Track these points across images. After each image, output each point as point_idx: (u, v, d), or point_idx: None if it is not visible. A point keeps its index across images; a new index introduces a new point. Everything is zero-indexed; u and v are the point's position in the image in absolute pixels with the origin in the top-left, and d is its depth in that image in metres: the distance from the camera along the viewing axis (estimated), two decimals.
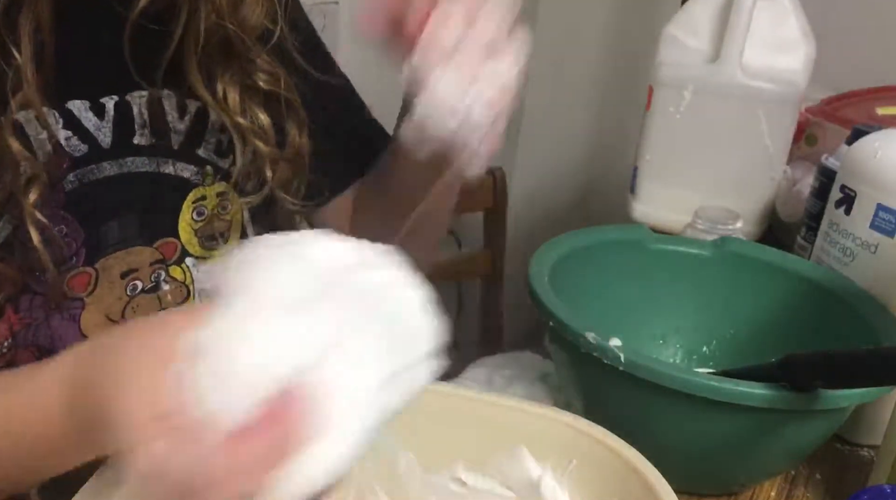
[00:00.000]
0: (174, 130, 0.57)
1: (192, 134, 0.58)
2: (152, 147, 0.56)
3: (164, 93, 0.56)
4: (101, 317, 0.54)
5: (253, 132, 0.58)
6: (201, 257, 0.59)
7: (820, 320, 0.72)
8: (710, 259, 0.78)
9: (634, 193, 1.10)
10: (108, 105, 0.54)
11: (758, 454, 0.61)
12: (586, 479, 0.43)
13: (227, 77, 0.57)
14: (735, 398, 0.56)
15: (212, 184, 0.59)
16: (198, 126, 0.58)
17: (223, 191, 0.59)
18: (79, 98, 0.53)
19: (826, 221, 0.77)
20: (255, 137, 0.59)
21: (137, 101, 0.55)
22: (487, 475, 0.45)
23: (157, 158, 0.56)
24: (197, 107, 0.58)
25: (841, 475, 0.71)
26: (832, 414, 0.60)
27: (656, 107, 1.05)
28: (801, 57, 0.99)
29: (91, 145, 0.53)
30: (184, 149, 0.57)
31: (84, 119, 0.53)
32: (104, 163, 0.54)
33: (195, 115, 0.58)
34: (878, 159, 0.72)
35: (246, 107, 0.58)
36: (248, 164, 0.59)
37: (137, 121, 0.55)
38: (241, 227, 0.62)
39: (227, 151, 0.60)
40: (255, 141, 0.58)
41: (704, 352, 0.79)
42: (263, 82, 0.59)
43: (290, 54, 0.63)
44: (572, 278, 0.71)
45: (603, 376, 0.60)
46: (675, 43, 1.03)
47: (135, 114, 0.55)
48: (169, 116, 0.56)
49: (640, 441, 0.60)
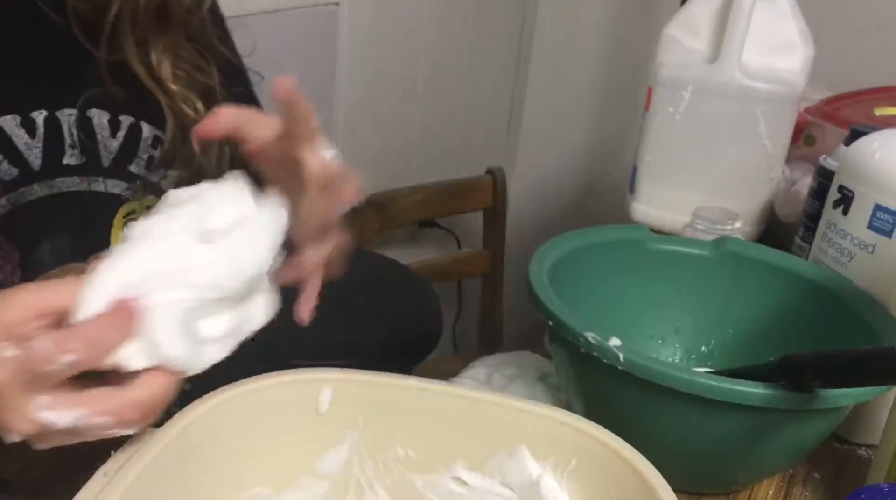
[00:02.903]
0: (105, 148, 0.57)
1: (124, 151, 0.58)
2: (82, 166, 0.56)
3: (94, 111, 0.57)
4: None
5: (183, 99, 0.60)
6: None
7: (818, 320, 0.72)
8: (709, 259, 0.78)
9: (634, 193, 1.11)
10: (38, 120, 0.54)
11: (756, 453, 0.62)
12: (586, 479, 0.43)
13: (161, 48, 0.59)
14: (733, 398, 0.56)
15: (141, 198, 0.60)
16: (131, 143, 0.59)
17: (152, 204, 0.60)
18: (9, 113, 0.53)
19: (824, 222, 0.78)
20: (185, 104, 0.60)
21: (67, 119, 0.55)
22: (487, 475, 0.45)
23: (87, 177, 0.57)
24: (130, 122, 0.59)
25: (839, 475, 0.71)
26: (830, 414, 0.60)
27: (656, 107, 1.05)
28: (799, 57, 0.99)
29: (21, 168, 0.53)
30: (115, 166, 0.58)
31: (15, 136, 0.53)
32: (34, 185, 0.54)
33: (128, 130, 0.58)
34: (877, 160, 0.72)
35: (177, 76, 0.60)
36: (177, 135, 0.60)
37: (67, 141, 0.55)
38: None
39: (160, 165, 0.61)
40: (184, 108, 0.60)
41: (703, 352, 0.79)
42: (192, 65, 0.61)
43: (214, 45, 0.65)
44: (572, 278, 0.71)
45: (602, 376, 0.60)
46: (674, 43, 1.03)
47: (64, 133, 0.55)
48: (99, 135, 0.57)
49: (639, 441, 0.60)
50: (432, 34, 1.67)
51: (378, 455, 0.46)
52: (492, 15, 1.83)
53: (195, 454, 0.43)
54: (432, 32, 1.67)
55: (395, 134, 1.69)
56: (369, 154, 1.60)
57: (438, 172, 1.77)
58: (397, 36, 1.58)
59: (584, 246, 0.75)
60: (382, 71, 1.57)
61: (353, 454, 0.46)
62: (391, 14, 1.54)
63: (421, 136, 1.75)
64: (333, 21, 1.41)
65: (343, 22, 1.42)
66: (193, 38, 0.62)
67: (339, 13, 1.41)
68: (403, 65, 1.63)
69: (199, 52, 0.62)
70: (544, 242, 0.73)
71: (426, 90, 1.71)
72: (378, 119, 1.60)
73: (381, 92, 1.59)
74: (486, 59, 1.87)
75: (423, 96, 1.71)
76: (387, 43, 1.55)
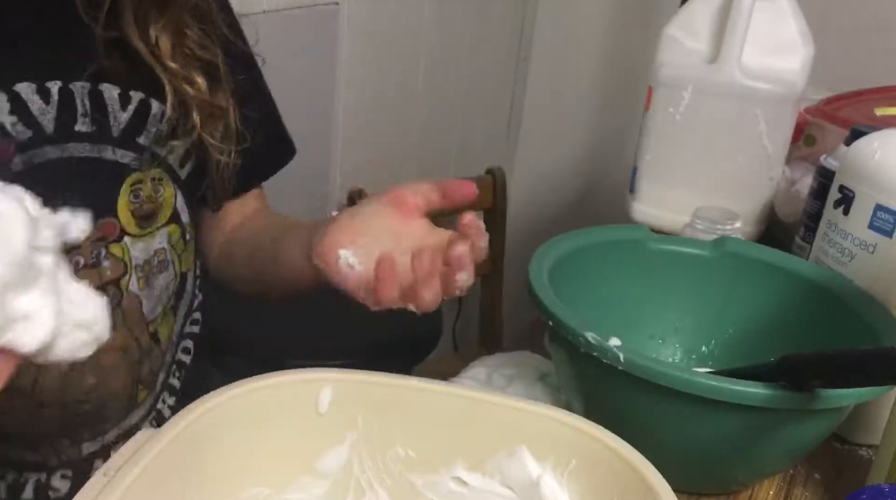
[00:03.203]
0: (115, 119, 0.60)
1: (133, 123, 0.61)
2: (93, 134, 0.58)
3: (105, 86, 0.59)
4: None
5: (183, 76, 0.62)
6: (138, 236, 0.62)
7: (818, 320, 0.72)
8: (709, 259, 0.78)
9: (634, 193, 1.11)
10: (53, 90, 0.56)
11: (756, 453, 0.62)
12: (586, 478, 0.43)
13: (161, 25, 0.61)
14: (734, 398, 0.56)
15: (148, 170, 0.62)
16: (140, 116, 0.61)
17: (158, 177, 0.63)
18: (26, 80, 0.55)
19: (825, 222, 0.78)
20: (185, 81, 0.62)
21: (80, 91, 0.57)
22: (487, 475, 0.45)
23: (97, 145, 0.59)
24: (140, 98, 0.61)
25: (839, 475, 0.71)
26: (830, 414, 0.60)
27: (656, 107, 1.05)
28: (799, 58, 0.99)
29: (35, 131, 0.56)
30: (124, 137, 0.60)
31: (30, 102, 0.55)
32: (47, 147, 0.56)
33: (138, 105, 0.61)
34: (877, 160, 0.72)
35: (177, 53, 0.62)
36: (177, 109, 0.62)
37: (79, 110, 0.57)
38: (173, 209, 0.65)
39: (167, 139, 0.63)
40: (184, 85, 0.62)
41: (703, 352, 0.79)
42: (195, 43, 0.63)
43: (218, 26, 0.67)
44: (572, 278, 0.71)
45: (602, 376, 0.60)
46: (674, 43, 1.03)
47: (77, 103, 0.57)
48: (109, 107, 0.59)
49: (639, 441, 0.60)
50: (432, 34, 1.67)
51: (378, 455, 0.46)
52: (492, 15, 1.83)
53: (195, 453, 0.43)
54: (432, 32, 1.67)
55: (395, 134, 1.69)
56: (369, 154, 1.60)
57: (438, 172, 1.77)
58: (397, 36, 1.58)
59: (584, 246, 0.75)
60: (382, 71, 1.57)
61: (353, 453, 0.46)
62: (391, 14, 1.54)
63: (421, 136, 1.76)
64: (333, 21, 1.41)
65: (343, 22, 1.42)
66: (198, 17, 0.63)
67: (339, 13, 1.41)
68: (403, 65, 1.63)
69: (204, 32, 0.64)
70: (544, 242, 0.73)
71: (426, 90, 1.71)
72: (378, 119, 1.60)
73: (381, 92, 1.59)
74: (486, 59, 1.87)
75: (423, 96, 1.72)
76: (387, 43, 1.56)
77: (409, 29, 1.62)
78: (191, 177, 0.66)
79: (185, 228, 0.66)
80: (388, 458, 0.46)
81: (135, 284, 0.62)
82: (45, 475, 0.61)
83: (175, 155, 0.64)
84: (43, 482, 0.61)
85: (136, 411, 0.65)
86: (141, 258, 0.62)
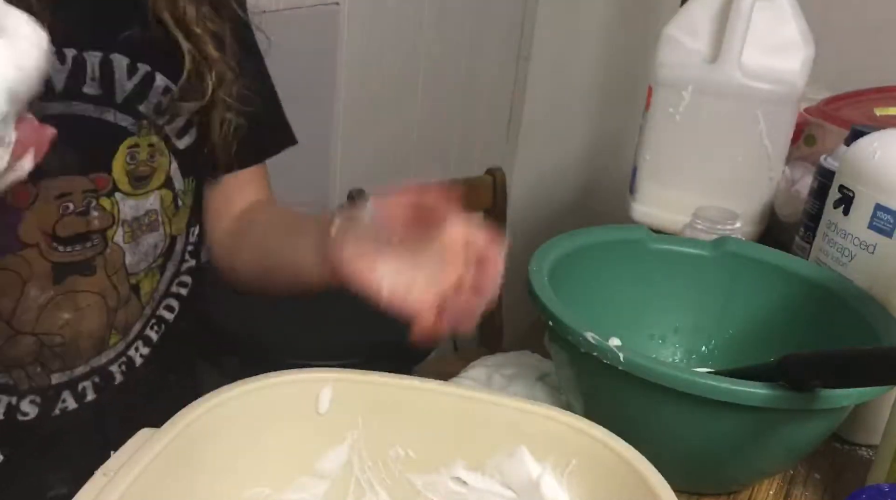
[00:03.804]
0: (121, 86, 0.64)
1: (136, 91, 0.65)
2: (98, 97, 0.63)
3: (116, 56, 0.63)
4: (35, 228, 0.62)
5: (206, 42, 0.67)
6: (129, 193, 0.66)
7: (818, 320, 0.72)
8: (709, 259, 0.78)
9: (634, 193, 1.11)
10: (69, 55, 0.61)
11: (756, 453, 0.62)
12: (586, 478, 0.43)
13: None
14: (734, 398, 0.56)
15: (146, 136, 0.66)
16: (144, 86, 0.66)
17: (153, 143, 0.67)
18: None
19: (824, 222, 0.78)
20: (208, 45, 0.67)
21: (93, 59, 0.62)
22: (487, 475, 0.45)
23: (101, 107, 0.63)
24: (146, 71, 0.65)
25: (839, 475, 0.71)
26: (830, 414, 0.60)
27: (656, 107, 1.05)
28: (799, 58, 0.99)
29: (46, 87, 0.59)
30: (127, 103, 0.65)
31: None
32: (54, 103, 0.61)
33: (143, 77, 0.65)
34: (877, 160, 0.72)
35: (199, 21, 0.67)
36: (193, 74, 0.67)
37: (89, 75, 0.62)
38: (166, 175, 0.69)
39: (166, 111, 0.67)
40: (206, 48, 0.67)
41: (703, 352, 0.79)
42: (208, 19, 0.68)
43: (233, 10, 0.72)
44: (572, 278, 0.71)
45: (602, 376, 0.60)
46: (674, 43, 1.03)
47: (88, 69, 0.62)
48: (117, 75, 0.64)
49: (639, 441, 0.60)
50: (432, 34, 1.67)
51: (378, 455, 0.46)
52: (492, 15, 1.83)
53: (195, 453, 0.43)
54: (432, 32, 1.67)
55: (395, 134, 1.69)
56: (369, 154, 1.60)
57: (438, 172, 1.77)
58: (397, 36, 1.58)
59: (584, 246, 0.75)
60: (382, 71, 1.57)
61: (352, 453, 0.46)
62: (391, 14, 1.54)
63: (421, 136, 1.75)
64: (333, 21, 1.41)
65: (343, 22, 1.42)
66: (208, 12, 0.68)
67: (339, 13, 1.41)
68: (403, 65, 1.63)
69: (213, 6, 0.69)
70: (544, 242, 0.73)
71: (426, 90, 1.71)
72: (378, 119, 1.60)
73: (381, 92, 1.59)
74: (486, 59, 1.87)
75: (423, 96, 1.71)
76: (387, 43, 1.55)
77: (409, 29, 1.62)
78: (189, 149, 0.70)
79: (177, 194, 0.70)
80: (388, 458, 0.46)
81: (120, 237, 0.66)
82: (16, 398, 0.65)
83: (173, 126, 0.68)
84: (13, 404, 0.65)
85: (107, 352, 0.68)
86: (130, 215, 0.66)
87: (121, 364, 0.70)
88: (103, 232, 0.65)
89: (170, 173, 0.69)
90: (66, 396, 0.67)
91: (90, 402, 0.68)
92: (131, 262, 0.68)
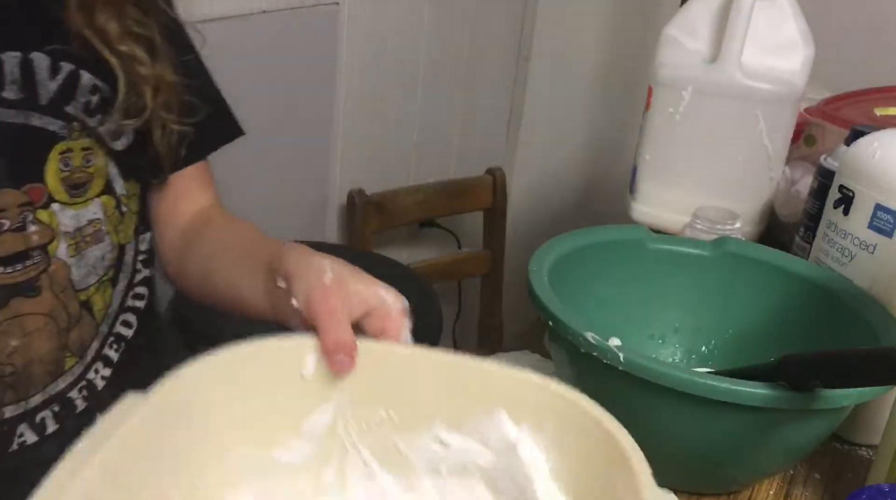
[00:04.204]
0: (44, 87, 0.60)
1: (62, 92, 0.61)
2: (21, 101, 0.59)
3: (36, 55, 0.59)
4: None
5: (131, 57, 0.63)
6: (67, 203, 0.62)
7: (818, 320, 0.72)
8: (709, 259, 0.78)
9: (634, 193, 1.11)
10: None
11: (756, 453, 0.62)
12: (560, 439, 0.44)
13: (105, 12, 0.62)
14: (734, 398, 0.56)
15: (77, 139, 0.62)
16: (69, 86, 0.61)
17: (88, 146, 0.63)
18: None
19: (825, 222, 0.78)
20: (134, 62, 0.63)
21: (11, 60, 0.58)
22: (466, 436, 0.46)
23: (25, 111, 0.59)
24: (70, 69, 0.61)
25: (839, 475, 0.71)
26: (830, 414, 0.60)
27: (656, 107, 1.05)
28: (799, 58, 0.99)
29: None
30: (52, 105, 0.60)
31: None
32: None
33: (67, 76, 0.61)
34: (877, 160, 0.72)
35: (123, 35, 0.63)
36: (129, 91, 0.63)
37: (8, 78, 0.58)
38: (106, 179, 0.65)
39: (96, 110, 0.63)
40: (135, 66, 0.63)
41: (703, 352, 0.79)
42: (133, 20, 0.64)
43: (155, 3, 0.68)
44: (572, 278, 0.71)
45: (602, 376, 0.60)
46: (674, 44, 1.04)
47: (6, 72, 0.58)
48: (38, 75, 0.60)
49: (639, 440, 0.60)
50: (432, 34, 1.67)
51: (361, 417, 0.47)
52: (492, 15, 1.83)
53: (182, 415, 0.43)
54: (432, 32, 1.67)
55: (395, 134, 1.69)
56: (369, 154, 1.60)
57: (438, 172, 1.77)
58: (397, 36, 1.58)
59: (584, 246, 0.75)
60: (382, 71, 1.57)
61: (337, 416, 0.47)
62: (391, 14, 1.54)
63: (421, 136, 1.75)
64: (333, 21, 1.41)
65: (343, 22, 1.42)
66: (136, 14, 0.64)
67: (339, 13, 1.41)
68: (403, 65, 1.63)
69: (141, 9, 0.65)
70: (544, 242, 0.73)
71: (426, 90, 1.71)
72: (378, 119, 1.60)
73: (381, 92, 1.59)
74: (486, 59, 1.87)
75: (423, 96, 1.71)
76: (387, 43, 1.55)
77: (409, 29, 1.62)
78: (129, 150, 0.66)
79: (119, 199, 0.66)
80: (371, 420, 0.47)
81: (63, 251, 0.62)
82: None
83: (107, 127, 0.64)
84: None
85: (64, 377, 0.64)
86: (71, 226, 0.62)
87: (81, 389, 0.65)
88: (44, 247, 0.60)
89: (109, 178, 0.65)
90: (24, 429, 0.62)
91: (51, 434, 0.63)
92: (78, 277, 0.63)
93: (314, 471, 0.47)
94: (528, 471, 0.44)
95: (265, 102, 1.25)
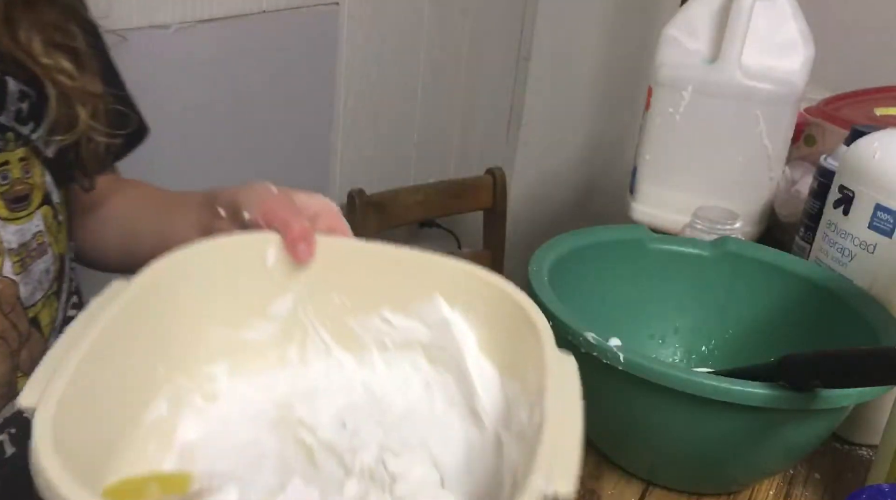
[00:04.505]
0: None
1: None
2: None
3: None
4: None
5: (57, 69, 0.62)
6: (8, 218, 0.60)
7: (818, 320, 0.72)
8: (709, 259, 0.78)
9: (634, 193, 1.11)
10: None
11: (756, 453, 0.62)
12: (486, 317, 0.51)
13: (29, 23, 0.60)
14: (733, 398, 0.56)
15: (14, 149, 0.60)
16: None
17: (25, 156, 0.61)
18: None
19: (824, 222, 0.78)
20: (63, 75, 0.62)
21: None
22: (408, 316, 0.52)
23: None
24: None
25: (839, 475, 0.71)
26: (830, 414, 0.60)
27: (655, 107, 1.05)
28: (799, 58, 0.99)
29: None
30: None
31: None
32: None
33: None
34: (877, 160, 0.72)
35: (49, 51, 0.62)
36: (59, 106, 0.62)
37: None
38: (44, 191, 0.63)
39: (28, 118, 0.61)
40: (62, 79, 0.62)
41: (703, 352, 0.79)
42: (57, 30, 0.63)
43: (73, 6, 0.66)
44: (572, 278, 0.71)
45: (602, 376, 0.60)
46: (674, 44, 1.04)
47: None
48: None
49: (639, 440, 0.60)
50: (432, 34, 1.67)
51: (319, 301, 0.53)
52: (492, 15, 1.83)
53: (161, 299, 0.48)
54: (432, 32, 1.67)
55: (395, 134, 1.69)
56: (369, 154, 1.60)
57: (438, 172, 1.77)
58: (397, 36, 1.58)
59: (584, 246, 0.75)
60: (382, 71, 1.57)
61: (297, 301, 0.53)
62: (391, 14, 1.54)
63: (421, 136, 1.76)
64: (333, 21, 1.41)
65: (343, 22, 1.42)
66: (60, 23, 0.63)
67: (339, 13, 1.41)
68: (403, 65, 1.63)
69: (63, 15, 0.64)
70: (544, 242, 0.73)
71: (426, 90, 1.71)
72: (378, 119, 1.60)
73: (381, 92, 1.59)
74: (486, 59, 1.87)
75: (423, 96, 1.71)
76: (387, 43, 1.55)
77: (409, 29, 1.62)
78: (58, 156, 0.64)
79: (56, 208, 0.64)
80: (327, 304, 0.53)
81: (9, 268, 0.59)
82: None
83: (39, 134, 0.62)
84: None
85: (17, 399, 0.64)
86: (15, 242, 0.60)
87: None
88: None
89: (47, 188, 0.63)
90: None
91: (10, 457, 0.62)
92: (26, 294, 0.61)
93: (279, 348, 0.53)
94: (459, 345, 0.50)
95: (265, 102, 1.25)
